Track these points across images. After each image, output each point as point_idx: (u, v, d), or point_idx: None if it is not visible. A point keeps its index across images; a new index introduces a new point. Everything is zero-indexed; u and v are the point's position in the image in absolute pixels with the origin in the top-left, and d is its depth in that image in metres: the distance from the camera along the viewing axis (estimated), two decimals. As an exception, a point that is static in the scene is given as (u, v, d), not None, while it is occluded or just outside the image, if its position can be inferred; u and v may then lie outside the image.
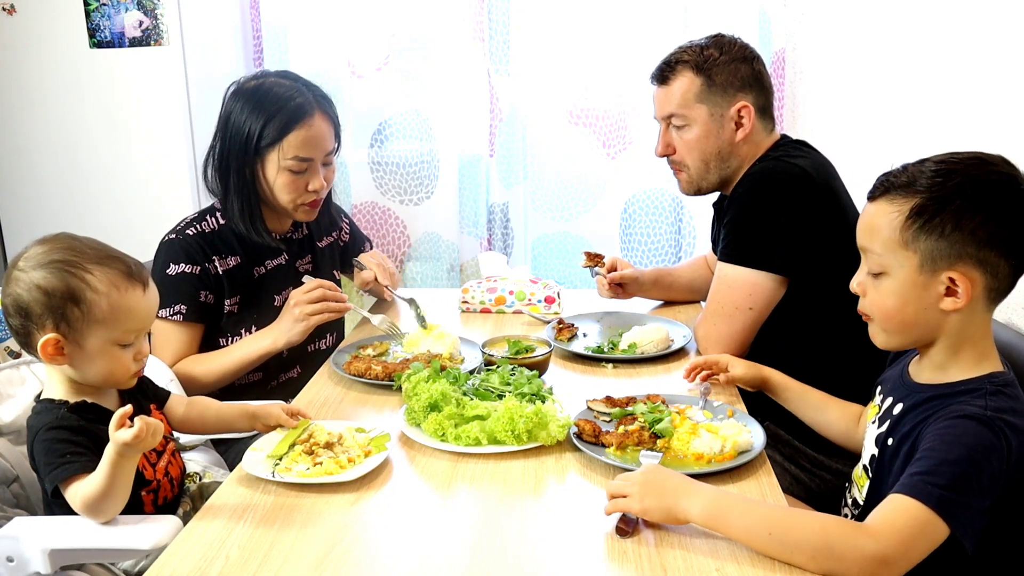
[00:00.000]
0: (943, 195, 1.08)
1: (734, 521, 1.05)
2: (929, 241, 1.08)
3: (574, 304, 2.06)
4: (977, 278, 1.08)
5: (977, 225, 1.06)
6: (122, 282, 1.24)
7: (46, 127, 2.74)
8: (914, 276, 1.11)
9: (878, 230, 1.13)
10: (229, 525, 1.13)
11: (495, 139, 2.81)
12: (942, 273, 1.09)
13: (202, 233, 1.78)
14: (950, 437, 1.04)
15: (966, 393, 1.10)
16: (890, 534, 0.98)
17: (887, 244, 1.12)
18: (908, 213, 1.10)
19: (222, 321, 1.79)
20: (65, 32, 2.65)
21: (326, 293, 1.72)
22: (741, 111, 1.72)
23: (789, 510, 1.04)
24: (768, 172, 1.67)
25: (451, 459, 1.31)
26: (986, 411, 1.05)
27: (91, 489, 1.14)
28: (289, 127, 1.73)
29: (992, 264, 1.08)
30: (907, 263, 1.11)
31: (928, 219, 1.08)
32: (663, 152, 1.82)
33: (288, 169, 1.74)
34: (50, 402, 1.25)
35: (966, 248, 1.07)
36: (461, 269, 2.92)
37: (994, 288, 1.10)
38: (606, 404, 1.44)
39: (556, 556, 1.06)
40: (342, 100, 2.80)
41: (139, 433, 1.11)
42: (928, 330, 1.14)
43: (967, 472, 1.00)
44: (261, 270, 1.85)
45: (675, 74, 1.74)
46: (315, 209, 1.84)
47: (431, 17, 2.76)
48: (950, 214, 1.07)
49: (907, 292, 1.12)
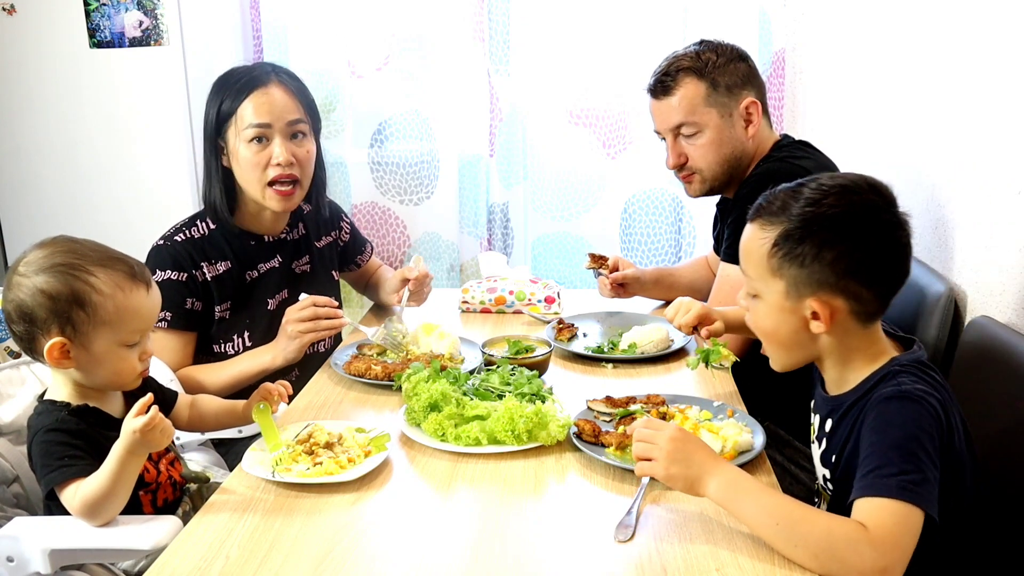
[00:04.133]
0: (805, 226, 1.11)
1: (745, 505, 1.05)
2: (792, 270, 1.11)
3: (574, 304, 2.07)
4: (840, 305, 1.11)
5: (836, 257, 1.09)
6: (126, 283, 1.24)
7: (46, 127, 2.74)
8: (781, 302, 1.14)
9: (750, 254, 1.17)
10: (229, 525, 1.13)
11: (495, 139, 2.81)
12: (805, 300, 1.12)
13: (191, 239, 1.76)
14: (881, 425, 1.05)
15: (878, 384, 1.12)
16: (887, 539, 0.97)
17: (757, 269, 1.16)
18: (774, 241, 1.13)
19: (213, 328, 1.78)
20: (65, 32, 2.65)
21: (317, 311, 1.68)
22: (749, 108, 1.73)
23: (800, 505, 1.04)
24: (772, 173, 1.67)
25: (451, 459, 1.31)
26: (900, 387, 1.07)
27: (92, 488, 1.13)
28: (242, 95, 1.72)
29: (854, 292, 1.11)
30: (775, 289, 1.14)
31: (790, 249, 1.11)
32: (676, 163, 1.79)
33: (247, 141, 1.71)
34: (52, 403, 1.25)
35: (826, 278, 1.10)
36: (461, 269, 2.92)
37: (862, 311, 1.13)
38: (606, 404, 1.44)
39: (556, 556, 1.06)
40: (342, 100, 2.80)
41: (152, 420, 1.12)
42: (808, 350, 1.18)
43: (910, 449, 1.01)
44: (253, 274, 1.83)
45: (677, 83, 1.73)
46: (288, 197, 1.76)
47: (431, 17, 2.76)
48: (810, 245, 1.10)
49: (777, 316, 1.16)
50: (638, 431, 1.15)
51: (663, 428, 1.14)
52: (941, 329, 1.59)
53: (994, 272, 1.51)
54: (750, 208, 1.19)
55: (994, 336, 1.41)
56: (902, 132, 1.98)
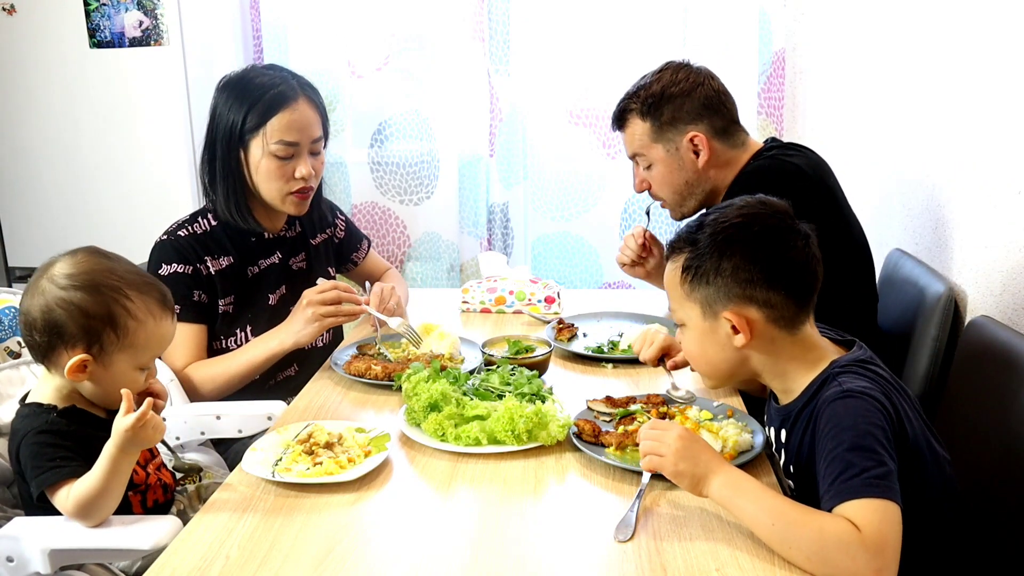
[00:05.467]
0: (703, 248, 1.19)
1: (745, 505, 1.06)
2: (701, 290, 1.19)
3: (574, 304, 2.06)
4: (753, 314, 1.16)
5: (734, 267, 1.16)
6: (157, 310, 1.27)
7: (46, 127, 2.74)
8: (700, 323, 1.21)
9: (669, 286, 1.25)
10: (229, 525, 1.13)
11: (495, 139, 2.81)
12: (720, 316, 1.18)
13: (194, 234, 1.78)
14: (833, 429, 1.06)
15: (820, 388, 1.14)
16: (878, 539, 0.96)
17: (677, 298, 1.24)
18: (682, 268, 1.21)
19: (217, 323, 1.79)
20: (65, 32, 2.65)
21: (341, 295, 1.70)
22: (694, 140, 1.78)
23: (797, 506, 1.04)
24: (762, 169, 1.70)
25: (451, 459, 1.31)
26: (841, 387, 1.10)
27: (86, 488, 1.13)
28: (272, 111, 1.72)
29: (763, 299, 1.16)
30: (693, 312, 1.21)
31: (695, 271, 1.19)
32: (640, 188, 1.91)
33: (273, 155, 1.73)
34: (39, 406, 1.25)
35: (732, 289, 1.16)
36: (461, 269, 2.92)
37: (779, 317, 1.17)
38: (606, 404, 1.44)
39: (556, 556, 1.06)
40: (342, 100, 2.80)
41: (143, 416, 1.13)
42: (740, 367, 1.22)
43: (867, 444, 1.03)
44: (255, 269, 1.85)
45: (625, 120, 1.85)
46: (304, 201, 1.82)
47: (431, 17, 2.76)
48: (710, 263, 1.17)
49: (702, 338, 1.22)
50: (646, 430, 1.17)
51: (671, 427, 1.16)
52: (941, 329, 1.59)
53: (994, 272, 1.51)
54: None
55: (994, 336, 1.41)
56: (902, 132, 1.98)
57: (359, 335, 1.91)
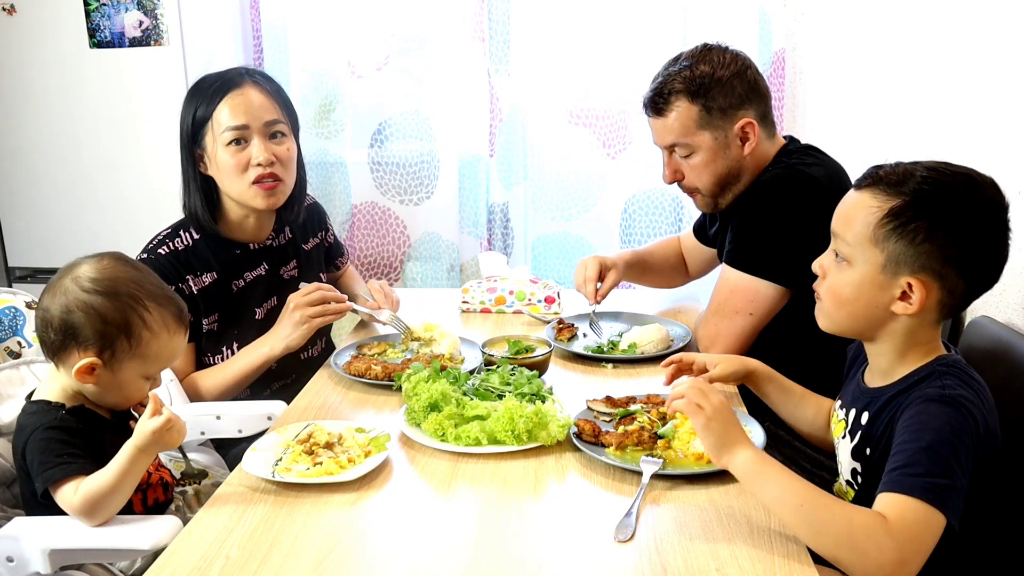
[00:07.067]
0: (923, 203, 1.09)
1: (771, 485, 1.05)
2: (899, 245, 1.10)
3: (574, 304, 2.06)
4: (934, 290, 1.10)
5: (947, 241, 1.08)
6: (173, 324, 1.28)
7: (46, 127, 2.73)
8: (875, 274, 1.12)
9: (853, 220, 1.14)
10: (229, 525, 1.13)
11: (495, 139, 2.81)
12: (902, 278, 1.11)
13: (175, 252, 1.74)
14: (917, 425, 1.05)
15: (922, 380, 1.12)
16: (906, 532, 0.97)
17: (858, 236, 1.13)
18: (886, 212, 1.10)
19: (202, 341, 1.77)
20: (65, 32, 2.65)
21: (325, 295, 1.70)
22: (745, 127, 1.68)
23: (824, 493, 1.03)
24: (779, 180, 1.66)
25: (451, 459, 1.31)
26: (944, 390, 1.07)
27: (98, 485, 1.14)
28: (217, 98, 1.71)
29: (951, 282, 1.10)
30: (872, 260, 1.12)
31: (903, 223, 1.09)
32: (671, 179, 1.77)
33: (226, 144, 1.70)
34: (47, 403, 1.25)
35: (931, 261, 1.09)
36: (461, 269, 2.91)
37: (947, 304, 1.12)
38: (606, 404, 1.44)
39: (556, 556, 1.06)
40: (342, 100, 2.80)
41: (169, 420, 1.14)
42: (871, 326, 1.16)
43: (943, 454, 1.01)
44: (240, 283, 1.81)
45: (669, 105, 1.68)
46: (272, 192, 1.73)
47: (431, 17, 2.75)
48: (925, 224, 1.08)
49: (864, 287, 1.14)
50: (693, 385, 1.14)
51: (716, 392, 1.14)
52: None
53: (994, 272, 1.51)
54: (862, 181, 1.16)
55: (994, 336, 1.41)
56: (902, 132, 1.98)
57: (359, 337, 1.91)
